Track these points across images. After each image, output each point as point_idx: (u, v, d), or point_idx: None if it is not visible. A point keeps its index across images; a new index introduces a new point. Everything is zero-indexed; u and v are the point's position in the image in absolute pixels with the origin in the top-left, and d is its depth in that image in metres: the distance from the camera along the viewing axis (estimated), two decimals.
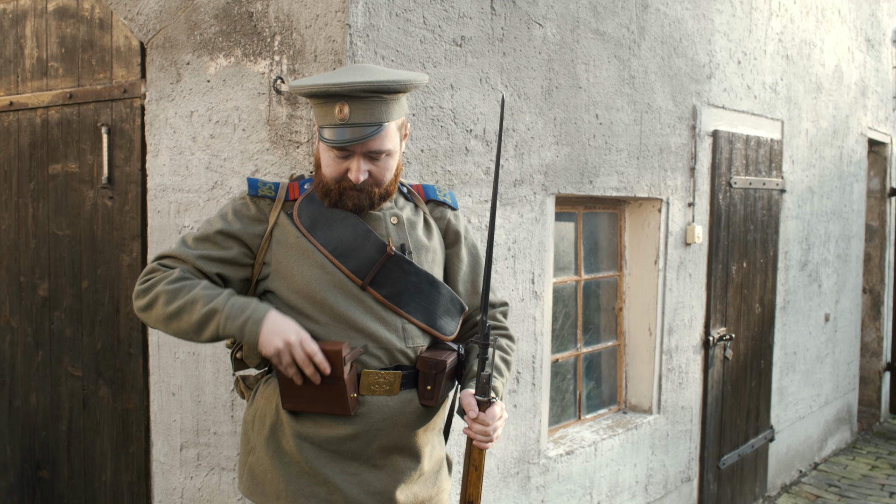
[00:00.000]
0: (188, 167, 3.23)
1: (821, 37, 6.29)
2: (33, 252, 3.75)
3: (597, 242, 4.55)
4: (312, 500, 2.26)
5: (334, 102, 2.16)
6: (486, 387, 2.18)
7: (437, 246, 2.43)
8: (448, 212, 2.50)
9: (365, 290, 2.25)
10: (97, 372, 3.58)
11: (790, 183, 5.93)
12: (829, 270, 6.77)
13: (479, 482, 2.24)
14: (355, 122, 2.15)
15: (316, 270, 2.24)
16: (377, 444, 2.27)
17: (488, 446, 2.21)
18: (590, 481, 4.15)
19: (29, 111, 3.72)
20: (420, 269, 2.30)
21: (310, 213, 2.30)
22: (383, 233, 2.31)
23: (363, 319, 2.24)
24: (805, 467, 6.64)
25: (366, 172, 2.21)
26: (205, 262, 2.24)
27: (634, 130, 4.28)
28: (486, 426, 2.17)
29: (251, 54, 3.05)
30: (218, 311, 2.12)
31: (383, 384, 2.25)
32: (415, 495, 2.34)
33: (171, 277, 2.19)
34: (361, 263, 2.25)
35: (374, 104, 2.16)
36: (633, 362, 4.71)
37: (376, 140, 2.18)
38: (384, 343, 2.25)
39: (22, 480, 3.87)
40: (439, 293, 2.34)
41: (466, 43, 3.28)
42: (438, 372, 2.26)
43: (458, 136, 3.27)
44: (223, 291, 2.18)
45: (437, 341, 2.38)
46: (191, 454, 3.30)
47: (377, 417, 2.25)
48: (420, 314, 2.31)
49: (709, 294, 5.03)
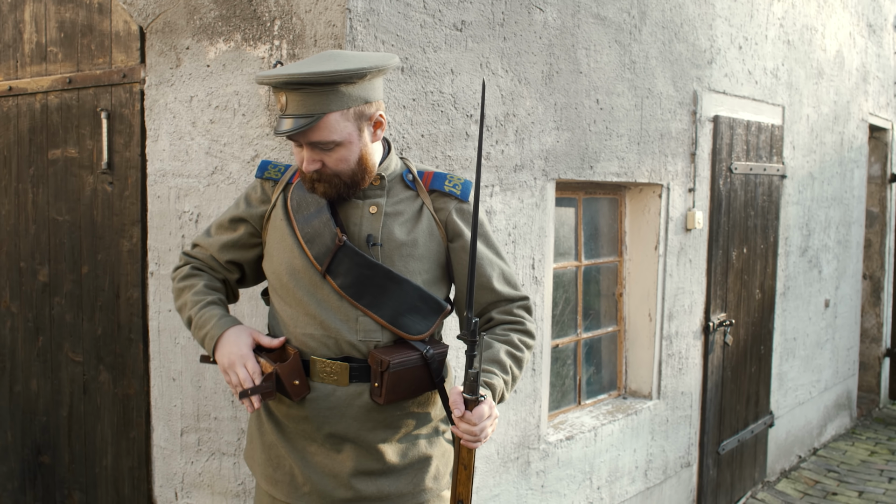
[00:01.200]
0: (188, 152, 3.22)
1: (822, 22, 6.26)
2: (33, 237, 3.75)
3: (597, 228, 4.54)
4: (278, 472, 2.34)
5: (278, 93, 2.16)
6: (474, 385, 2.08)
7: (422, 240, 2.33)
8: (452, 203, 2.37)
9: (324, 279, 2.26)
10: (98, 357, 3.58)
11: (791, 169, 5.92)
12: (829, 256, 6.77)
13: (469, 481, 2.18)
14: (291, 114, 2.13)
15: (287, 253, 2.29)
16: (325, 431, 2.28)
17: (476, 446, 2.13)
18: (590, 466, 4.16)
19: (28, 96, 3.71)
20: (374, 263, 2.23)
21: (298, 197, 2.33)
22: (356, 221, 2.28)
23: (317, 306, 2.26)
24: (804, 453, 6.66)
25: (317, 163, 2.19)
26: (220, 249, 2.44)
27: (635, 116, 4.27)
28: (472, 425, 2.08)
29: (251, 39, 3.04)
30: (192, 320, 2.35)
31: (331, 373, 2.25)
32: (379, 489, 2.30)
33: (182, 274, 2.45)
34: (321, 251, 2.25)
35: (308, 96, 2.11)
36: (633, 348, 4.72)
37: (313, 131, 2.14)
38: (333, 332, 2.25)
39: (23, 465, 3.88)
40: (402, 290, 2.26)
41: (467, 27, 3.27)
42: (384, 370, 2.19)
43: (458, 121, 3.27)
44: (205, 299, 2.37)
45: (403, 339, 2.30)
46: (191, 439, 3.30)
47: (324, 405, 2.26)
48: (378, 309, 2.25)
49: (709, 280, 5.03)
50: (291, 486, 2.31)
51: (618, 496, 4.42)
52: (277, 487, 2.33)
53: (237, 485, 3.19)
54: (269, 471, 2.35)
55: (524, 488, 3.78)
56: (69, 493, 3.74)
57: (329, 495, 2.28)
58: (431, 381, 2.31)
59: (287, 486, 2.32)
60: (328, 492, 2.28)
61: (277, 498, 2.34)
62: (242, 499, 3.18)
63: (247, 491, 3.17)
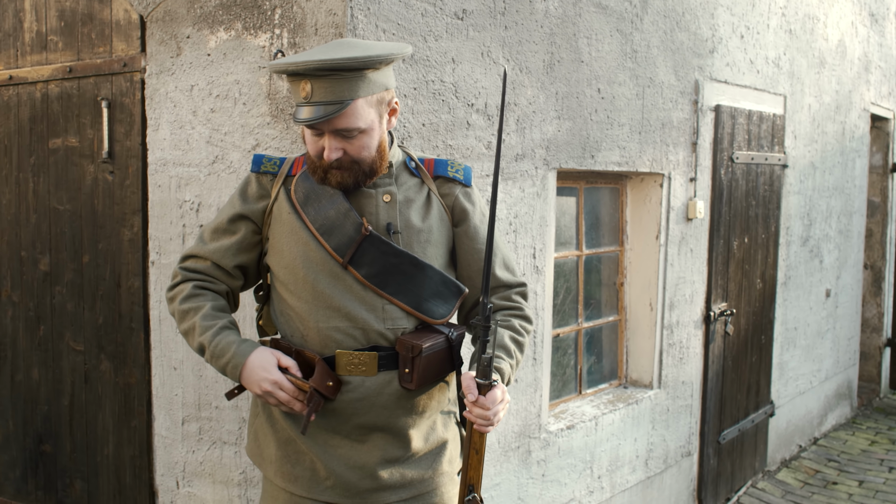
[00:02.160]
0: (189, 141, 3.21)
1: (824, 11, 6.25)
2: (34, 227, 3.74)
3: (598, 217, 4.54)
4: (297, 468, 2.30)
5: (298, 81, 2.14)
6: (487, 370, 2.12)
7: (436, 225, 2.36)
8: (457, 188, 2.42)
9: (346, 269, 2.24)
10: (99, 346, 3.59)
11: (792, 158, 5.91)
12: (830, 246, 6.77)
13: (480, 466, 2.21)
14: (317, 101, 2.12)
15: (301, 247, 2.25)
16: (354, 422, 2.27)
17: (489, 430, 2.16)
18: (590, 455, 4.17)
19: (29, 85, 3.70)
20: (400, 250, 2.25)
21: (304, 189, 2.29)
22: (372, 211, 2.28)
23: (341, 298, 2.23)
24: (805, 442, 6.67)
25: (339, 151, 2.18)
26: (221, 255, 2.34)
27: (636, 105, 4.26)
28: (485, 410, 2.11)
29: (251, 28, 3.03)
30: (205, 348, 2.26)
31: (359, 364, 2.23)
32: (402, 475, 2.32)
33: (183, 295, 2.33)
34: (342, 242, 2.23)
35: (336, 82, 2.11)
36: (634, 337, 4.72)
37: (341, 118, 2.13)
38: (360, 323, 2.24)
39: (24, 454, 3.89)
40: (425, 275, 2.28)
41: (468, 16, 3.26)
42: (415, 355, 2.21)
43: (459, 110, 3.26)
44: (216, 324, 2.28)
45: (426, 324, 2.32)
46: (192, 428, 3.31)
47: (353, 397, 2.24)
48: (403, 296, 2.26)
49: (710, 269, 5.03)
50: (313, 480, 2.29)
51: (618, 485, 4.42)
52: (297, 483, 2.30)
53: (238, 473, 3.20)
54: (287, 468, 2.31)
55: (525, 477, 3.79)
56: (71, 481, 3.75)
57: (354, 486, 2.28)
58: (452, 364, 2.34)
59: (308, 481, 2.29)
60: (353, 483, 2.28)
61: (297, 494, 2.30)
62: (244, 487, 3.19)
63: (248, 480, 3.18)
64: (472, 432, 2.18)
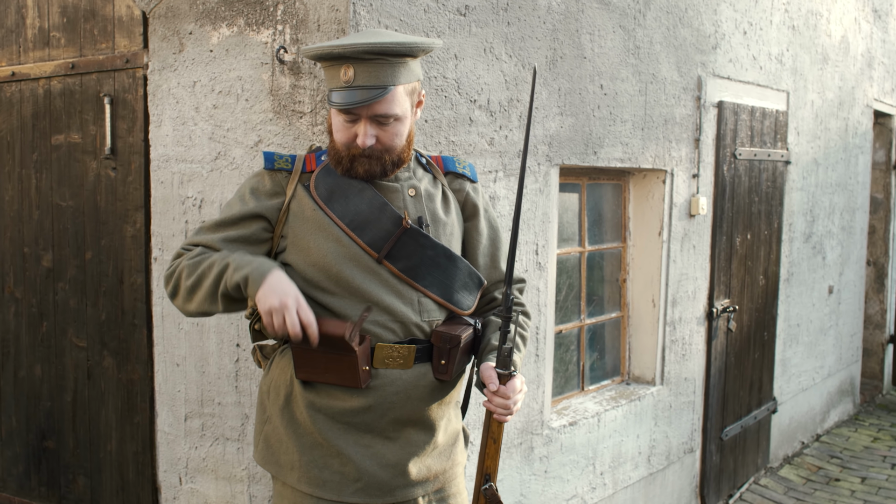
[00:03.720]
0: (191, 137, 3.21)
1: (827, 7, 6.24)
2: (37, 223, 3.75)
3: (601, 214, 4.53)
4: (325, 472, 2.27)
5: (340, 64, 2.14)
6: (508, 360, 2.17)
7: (455, 219, 2.41)
8: (467, 184, 2.48)
9: (381, 264, 2.24)
10: (101, 343, 3.59)
11: (795, 154, 5.91)
12: (833, 242, 6.76)
13: (497, 455, 2.25)
14: (360, 85, 2.13)
15: (332, 243, 2.23)
16: (390, 417, 2.26)
17: (508, 419, 2.21)
18: (593, 452, 4.17)
19: (31, 81, 3.70)
20: (437, 243, 2.28)
21: (327, 185, 2.28)
22: (400, 205, 2.29)
23: (378, 292, 2.23)
24: (807, 439, 6.67)
25: (373, 137, 2.19)
26: (227, 243, 2.24)
27: (639, 101, 4.26)
28: (506, 399, 2.16)
29: (254, 24, 3.03)
30: (229, 264, 2.12)
31: (397, 357, 2.23)
32: (428, 468, 2.34)
33: (192, 254, 2.22)
34: (377, 236, 2.23)
35: (380, 67, 2.14)
36: (637, 334, 4.72)
37: (382, 103, 2.15)
38: (399, 316, 2.24)
39: (27, 450, 3.90)
40: (456, 267, 2.32)
41: (470, 12, 3.26)
42: (453, 346, 2.24)
43: (461, 106, 3.26)
44: (235, 253, 2.17)
45: (453, 315, 2.36)
46: (195, 424, 3.31)
47: (390, 391, 2.24)
48: (436, 288, 2.29)
49: (713, 266, 5.02)
50: (342, 483, 2.26)
51: (621, 482, 4.42)
52: (326, 487, 2.26)
53: (241, 469, 3.20)
54: (314, 472, 2.27)
55: (527, 473, 3.79)
56: (73, 477, 3.75)
57: (386, 485, 2.27)
58: (470, 355, 2.39)
59: (337, 484, 2.26)
60: (385, 482, 2.27)
61: (325, 498, 2.27)
62: (246, 483, 3.19)
63: (251, 476, 3.18)
64: (491, 422, 2.23)
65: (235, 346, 3.17)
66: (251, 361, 3.13)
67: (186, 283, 2.19)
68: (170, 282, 2.25)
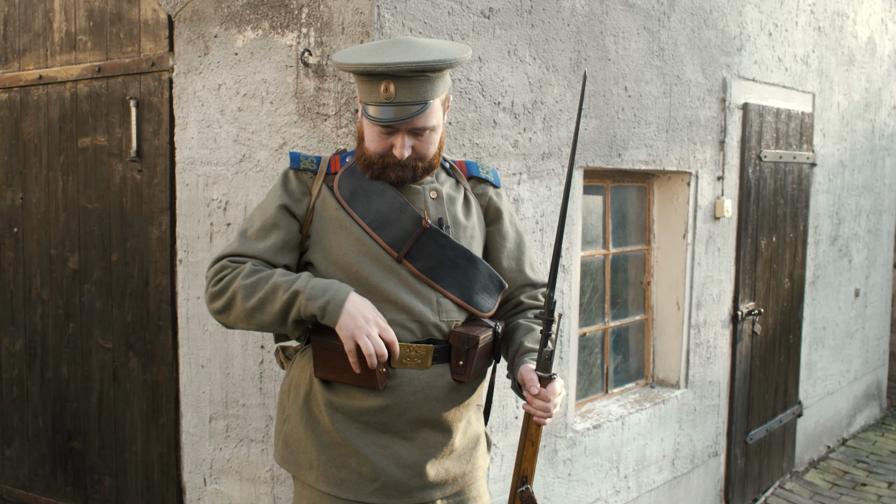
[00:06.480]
0: (216, 140, 3.23)
1: (853, 8, 6.19)
2: (63, 225, 3.78)
3: (625, 216, 4.52)
4: (343, 471, 2.28)
5: (380, 81, 2.14)
6: (549, 363, 2.18)
7: (476, 223, 2.42)
8: (490, 189, 2.49)
9: (400, 263, 2.25)
10: (127, 344, 3.61)
11: (821, 156, 5.86)
12: (859, 245, 6.70)
13: (535, 457, 2.27)
14: (401, 101, 2.14)
15: (353, 242, 2.24)
16: (407, 418, 2.27)
17: (547, 422, 2.22)
18: (617, 455, 4.15)
19: (58, 85, 3.73)
20: (456, 244, 2.29)
21: (350, 186, 2.30)
22: (421, 206, 2.30)
23: (397, 291, 2.24)
24: (833, 443, 6.61)
25: (409, 149, 2.21)
26: (272, 253, 2.24)
27: (664, 103, 4.24)
28: (546, 402, 2.18)
29: (278, 27, 3.04)
30: (300, 292, 2.12)
31: (415, 357, 2.24)
32: (446, 470, 2.33)
33: (245, 272, 2.18)
34: (397, 236, 2.25)
35: (420, 83, 2.14)
36: (661, 336, 4.70)
37: (421, 118, 2.17)
38: (417, 316, 2.25)
39: (54, 451, 3.92)
40: (476, 269, 2.33)
41: (494, 15, 3.26)
42: (471, 347, 2.25)
43: (485, 108, 3.26)
44: (302, 274, 2.18)
45: (473, 317, 2.36)
46: (220, 426, 3.32)
47: (408, 391, 2.24)
48: (456, 289, 2.30)
49: (738, 268, 4.99)
50: (359, 483, 2.27)
51: (645, 485, 4.40)
52: (343, 487, 2.27)
53: (265, 471, 3.21)
54: (332, 472, 2.28)
55: (551, 476, 3.78)
56: (99, 478, 3.78)
57: (403, 486, 2.28)
58: (494, 358, 2.40)
59: (354, 483, 2.27)
60: (402, 482, 2.27)
61: (342, 497, 2.27)
62: (270, 485, 3.20)
63: (275, 477, 3.19)
64: (530, 424, 2.25)
65: (260, 347, 3.18)
66: (275, 363, 3.14)
67: (246, 305, 2.16)
68: (219, 298, 2.21)
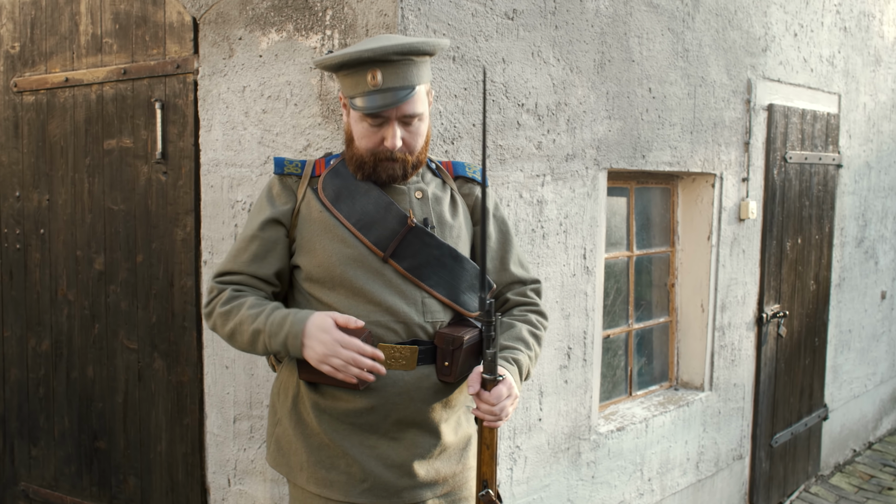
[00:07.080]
0: (241, 142, 3.24)
1: (880, 8, 6.13)
2: (89, 226, 3.80)
3: (649, 218, 4.50)
4: (332, 472, 2.29)
5: (366, 70, 2.16)
6: (492, 365, 2.11)
7: (463, 222, 2.41)
8: (476, 189, 2.48)
9: (386, 263, 2.25)
10: (152, 345, 3.63)
11: (847, 158, 5.82)
12: (886, 247, 6.65)
13: (493, 461, 2.20)
14: (388, 87, 2.15)
15: (337, 244, 2.25)
16: (393, 418, 2.27)
17: (497, 426, 2.16)
18: (640, 458, 4.13)
19: (84, 87, 3.76)
20: (442, 243, 2.28)
21: (334, 187, 2.31)
22: (406, 206, 2.31)
23: (381, 293, 2.24)
24: (859, 447, 6.55)
25: (400, 139, 2.22)
26: (257, 266, 2.30)
27: (688, 104, 4.22)
28: (491, 405, 2.12)
29: (303, 29, 3.05)
30: (261, 331, 2.18)
31: (399, 359, 2.23)
32: (437, 471, 2.33)
33: (223, 299, 2.28)
34: (383, 235, 2.25)
35: (406, 67, 2.16)
36: (685, 339, 4.67)
37: (409, 103, 2.19)
38: (402, 317, 2.24)
39: (79, 451, 3.95)
40: (463, 268, 2.32)
41: (518, 16, 3.25)
42: (456, 348, 2.23)
43: (509, 110, 3.25)
44: (265, 308, 2.22)
45: (460, 317, 2.35)
46: (244, 426, 3.34)
47: (392, 392, 2.24)
48: (442, 288, 2.29)
49: (762, 270, 4.96)
50: (349, 483, 2.28)
51: (669, 488, 4.38)
52: (333, 488, 2.29)
53: None
54: (321, 473, 2.30)
55: (575, 479, 3.77)
56: (124, 478, 3.80)
57: (392, 486, 2.28)
58: (477, 358, 2.36)
59: (344, 484, 2.28)
60: (391, 482, 2.28)
61: (332, 499, 2.29)
62: None
63: None
64: (483, 428, 2.19)
65: None
66: None
67: (223, 331, 2.28)
68: (208, 321, 2.34)
